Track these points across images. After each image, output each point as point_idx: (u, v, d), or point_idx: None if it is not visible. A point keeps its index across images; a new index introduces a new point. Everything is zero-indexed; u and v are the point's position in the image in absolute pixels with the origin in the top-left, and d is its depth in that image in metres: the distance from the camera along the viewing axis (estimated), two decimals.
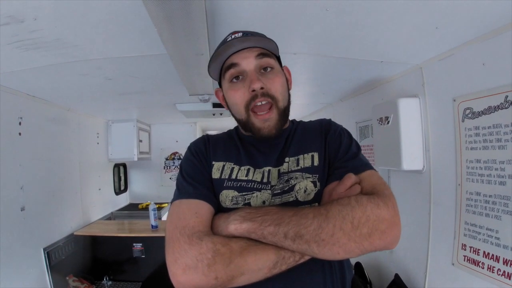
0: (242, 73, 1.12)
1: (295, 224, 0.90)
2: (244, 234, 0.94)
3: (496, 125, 1.75)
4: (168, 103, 3.87)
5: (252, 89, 1.07)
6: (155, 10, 1.26)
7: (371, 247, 0.90)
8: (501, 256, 1.74)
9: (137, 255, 3.67)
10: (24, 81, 2.35)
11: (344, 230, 0.87)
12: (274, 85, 1.11)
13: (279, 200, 1.08)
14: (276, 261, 0.91)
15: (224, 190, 1.12)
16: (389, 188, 1.01)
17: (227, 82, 1.16)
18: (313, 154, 1.16)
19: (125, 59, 2.06)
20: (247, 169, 1.16)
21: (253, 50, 1.11)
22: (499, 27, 1.67)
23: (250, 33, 1.12)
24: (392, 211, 0.93)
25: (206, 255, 0.89)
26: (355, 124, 3.59)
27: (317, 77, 2.90)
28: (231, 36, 1.11)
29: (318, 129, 1.24)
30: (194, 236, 0.94)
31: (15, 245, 2.53)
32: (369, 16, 1.59)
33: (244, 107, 1.11)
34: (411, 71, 2.46)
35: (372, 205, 0.91)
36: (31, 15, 1.41)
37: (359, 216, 0.89)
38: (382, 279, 2.93)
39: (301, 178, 1.10)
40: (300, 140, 1.21)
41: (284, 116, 1.15)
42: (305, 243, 0.88)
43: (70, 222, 3.53)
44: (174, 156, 5.89)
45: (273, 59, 1.15)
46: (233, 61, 1.11)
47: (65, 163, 3.47)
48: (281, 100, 1.12)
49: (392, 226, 0.91)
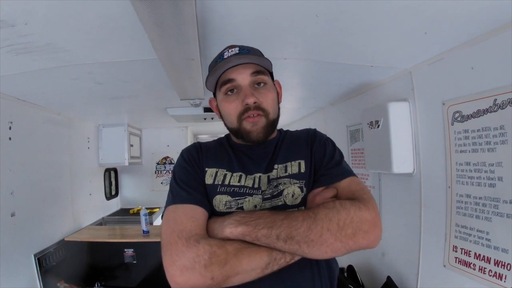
0: (237, 87, 1.19)
1: (286, 227, 0.97)
2: (239, 237, 1.00)
3: (485, 128, 1.77)
4: (159, 108, 3.87)
5: (246, 103, 1.15)
6: (146, 15, 1.26)
7: (356, 246, 0.99)
8: (492, 257, 1.75)
9: (129, 260, 3.63)
10: (14, 85, 2.33)
11: (331, 231, 0.96)
12: (267, 100, 1.19)
13: (269, 204, 1.15)
14: (268, 262, 0.98)
15: (218, 195, 1.17)
16: (369, 192, 1.13)
17: (222, 94, 1.22)
18: (300, 161, 1.24)
19: (115, 63, 2.06)
20: (239, 175, 1.22)
21: (249, 66, 1.18)
22: (487, 32, 1.69)
23: (246, 49, 1.21)
24: (373, 213, 1.03)
25: (203, 257, 0.94)
26: (345, 128, 3.59)
27: (307, 82, 2.91)
28: (228, 51, 1.19)
29: (305, 138, 1.33)
30: (191, 239, 0.99)
31: (5, 251, 2.49)
32: (358, 21, 1.60)
33: (237, 117, 1.19)
34: (401, 75, 2.48)
35: (355, 208, 1.01)
36: (22, 19, 1.40)
37: (344, 218, 0.98)
38: (375, 282, 2.93)
39: (289, 184, 1.18)
40: (288, 148, 1.29)
41: (272, 126, 1.23)
42: (296, 244, 0.96)
43: (61, 228, 3.49)
44: (165, 161, 5.87)
45: (266, 75, 1.23)
46: (230, 77, 1.18)
47: (55, 168, 3.44)
48: (271, 113, 1.21)
49: (374, 226, 1.02)
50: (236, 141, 1.31)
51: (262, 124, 1.18)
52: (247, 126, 1.17)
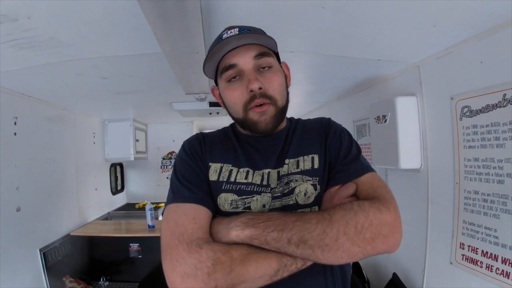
0: (239, 73, 1.08)
1: (298, 230, 0.88)
2: (246, 240, 0.92)
3: (494, 123, 1.74)
4: (165, 102, 3.86)
5: (250, 89, 1.04)
6: (150, 8, 1.25)
7: (374, 251, 0.90)
8: (499, 255, 1.73)
9: (134, 255, 3.66)
10: (19, 80, 2.33)
11: (347, 235, 0.87)
12: (273, 84, 1.07)
13: (279, 203, 1.06)
14: (277, 268, 0.90)
15: (223, 193, 1.09)
16: (390, 191, 1.02)
17: (223, 82, 1.12)
18: (313, 156, 1.14)
19: (120, 58, 2.05)
20: (246, 171, 1.12)
21: (251, 48, 1.07)
22: (497, 25, 1.67)
23: (247, 29, 1.08)
24: (394, 215, 0.93)
25: (206, 264, 0.87)
26: (352, 122, 3.57)
27: (314, 76, 2.89)
28: (226, 32, 1.07)
29: (318, 129, 1.21)
30: (193, 243, 0.91)
31: (11, 246, 2.51)
32: (366, 14, 1.58)
33: (242, 106, 1.08)
34: (409, 69, 2.46)
35: (375, 210, 0.91)
36: (25, 13, 1.39)
37: (362, 221, 0.89)
38: (380, 279, 2.92)
39: (301, 181, 1.08)
40: (300, 140, 1.18)
41: (281, 114, 1.12)
42: (309, 248, 0.87)
43: (67, 223, 3.51)
44: (171, 156, 5.90)
45: (271, 57, 1.12)
46: (231, 62, 1.07)
47: (61, 163, 3.45)
48: (280, 99, 1.09)
49: (394, 230, 0.92)
50: (243, 131, 1.21)
51: (271, 114, 1.07)
52: (254, 117, 1.07)
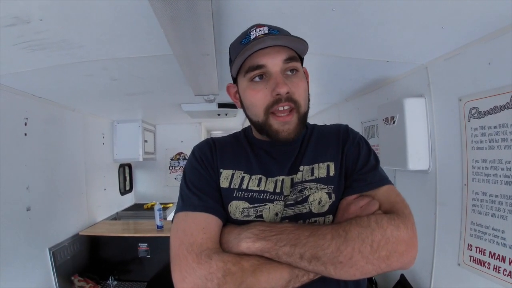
0: (265, 74, 1.02)
1: (312, 246, 0.87)
2: (256, 253, 0.90)
3: (502, 124, 1.74)
4: (173, 104, 3.90)
5: (277, 93, 0.98)
6: (162, 10, 1.26)
7: (388, 268, 0.88)
8: (507, 257, 1.73)
9: (143, 255, 3.67)
10: (29, 81, 2.37)
11: (362, 253, 0.85)
12: (299, 90, 1.02)
13: (291, 212, 1.03)
14: (289, 279, 0.88)
15: (234, 201, 1.06)
16: (408, 206, 0.99)
17: (246, 81, 1.05)
18: (329, 164, 1.10)
19: (130, 59, 2.07)
20: (258, 179, 1.09)
21: (281, 51, 1.01)
22: (505, 26, 1.66)
23: (276, 29, 1.03)
24: (411, 233, 0.92)
25: (216, 275, 0.85)
26: (360, 124, 3.57)
27: (322, 77, 2.89)
28: (255, 30, 1.02)
29: (335, 136, 1.17)
30: (202, 254, 0.90)
31: (20, 245, 2.55)
32: (374, 15, 1.59)
33: (264, 109, 1.02)
34: (417, 70, 2.46)
35: (392, 228, 0.89)
36: (37, 16, 1.42)
37: (378, 239, 0.87)
38: (388, 280, 2.91)
39: (316, 189, 1.05)
40: (316, 147, 1.15)
41: (303, 121, 1.06)
42: (322, 265, 0.86)
43: (76, 222, 3.55)
44: (179, 156, 5.94)
45: (298, 62, 1.07)
46: (260, 62, 1.00)
47: (70, 163, 3.49)
48: (303, 105, 1.04)
49: (410, 248, 0.90)
50: (257, 136, 1.16)
51: (294, 123, 1.02)
52: (275, 125, 1.01)
